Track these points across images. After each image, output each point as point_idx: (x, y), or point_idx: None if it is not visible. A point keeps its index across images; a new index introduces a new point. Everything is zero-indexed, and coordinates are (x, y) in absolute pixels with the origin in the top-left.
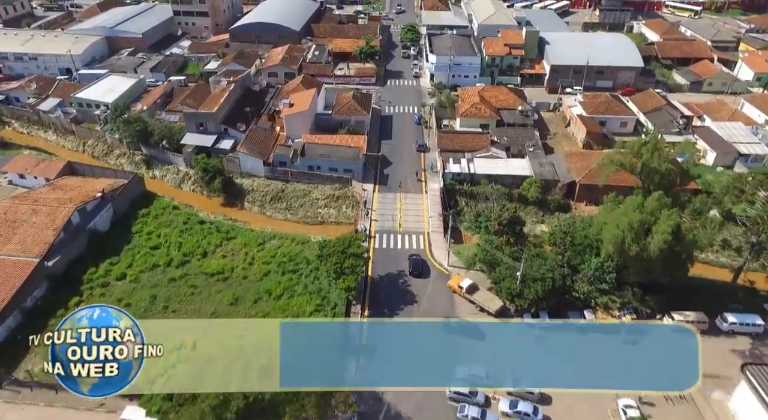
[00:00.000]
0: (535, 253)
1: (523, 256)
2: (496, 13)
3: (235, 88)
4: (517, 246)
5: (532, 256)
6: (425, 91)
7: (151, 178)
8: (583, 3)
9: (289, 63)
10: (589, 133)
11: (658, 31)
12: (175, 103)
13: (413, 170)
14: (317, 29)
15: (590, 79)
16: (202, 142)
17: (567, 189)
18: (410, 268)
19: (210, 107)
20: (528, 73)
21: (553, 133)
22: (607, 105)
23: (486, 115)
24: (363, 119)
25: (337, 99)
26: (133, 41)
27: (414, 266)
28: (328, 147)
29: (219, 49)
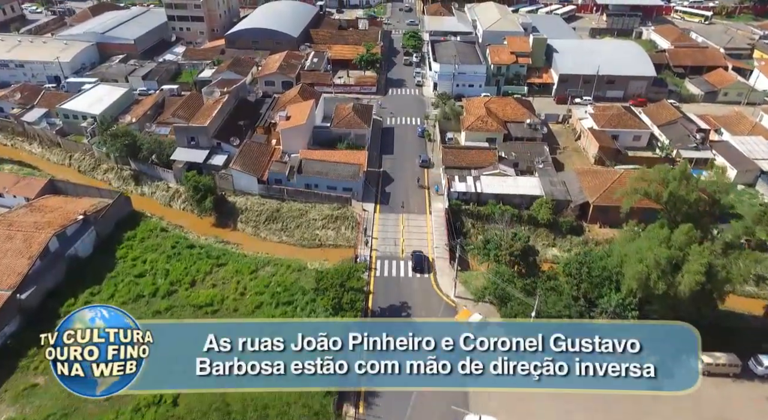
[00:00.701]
0: (550, 287)
1: (537, 292)
2: (502, 19)
3: (229, 100)
4: (530, 278)
5: (546, 290)
6: (428, 101)
7: (139, 195)
8: (589, 8)
9: (286, 71)
10: (601, 148)
11: (668, 37)
12: (166, 114)
13: (416, 189)
14: (316, 35)
15: (600, 88)
16: (194, 158)
17: (579, 210)
18: (413, 265)
19: (202, 121)
20: (535, 83)
21: (563, 146)
22: (620, 118)
23: (493, 129)
24: (363, 133)
25: (337, 111)
26: (124, 47)
27: (416, 262)
28: (326, 164)
29: (214, 56)
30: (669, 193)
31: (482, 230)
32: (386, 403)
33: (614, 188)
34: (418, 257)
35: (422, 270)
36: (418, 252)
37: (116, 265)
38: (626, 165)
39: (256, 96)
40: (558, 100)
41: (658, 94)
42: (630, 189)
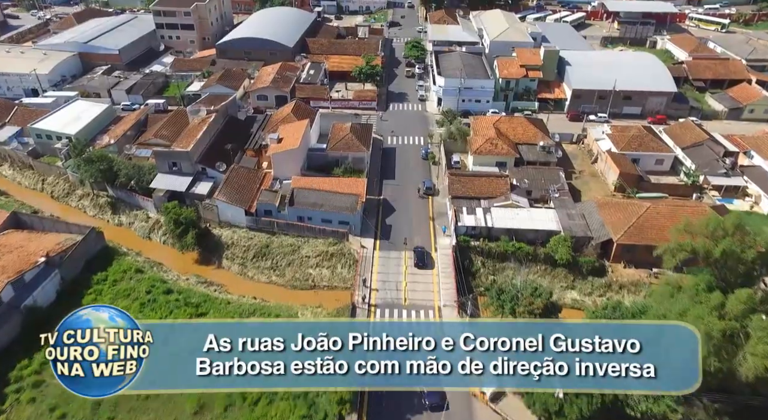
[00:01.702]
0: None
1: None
2: (510, 28)
3: (217, 119)
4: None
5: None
6: (432, 118)
7: (116, 225)
8: (599, 15)
9: (280, 84)
10: (622, 174)
11: (686, 47)
12: (148, 134)
13: (420, 221)
14: (313, 44)
15: (616, 105)
16: (175, 186)
17: (601, 248)
18: (415, 260)
19: (185, 144)
20: (547, 99)
21: (579, 170)
22: (641, 140)
23: (503, 153)
24: (362, 156)
25: (333, 131)
26: (108, 58)
27: (419, 258)
28: (321, 194)
29: (204, 67)
30: (721, 251)
31: (494, 270)
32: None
33: (640, 224)
34: (420, 253)
35: (425, 265)
36: (420, 248)
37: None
38: (649, 193)
39: (247, 113)
40: (571, 116)
41: (678, 111)
42: (673, 245)
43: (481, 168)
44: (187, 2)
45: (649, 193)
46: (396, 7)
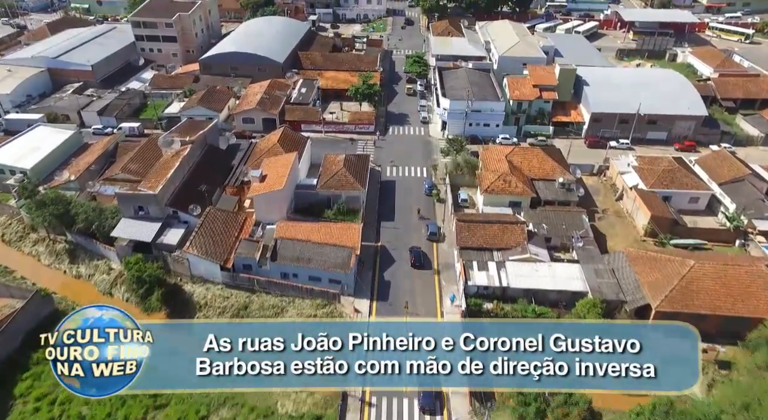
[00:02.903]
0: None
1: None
2: (520, 42)
3: (193, 151)
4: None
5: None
6: (436, 144)
7: (74, 276)
8: (613, 24)
9: (268, 106)
10: (653, 217)
11: (710, 62)
12: (115, 168)
13: (422, 278)
14: (305, 59)
15: (640, 129)
16: (140, 236)
17: (636, 314)
18: (411, 260)
19: (153, 185)
20: (563, 121)
21: (602, 209)
22: (672, 175)
23: (517, 192)
24: (357, 195)
25: (325, 164)
26: (81, 74)
27: (416, 258)
28: (308, 246)
29: (186, 85)
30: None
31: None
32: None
33: (684, 287)
34: (417, 253)
35: (422, 266)
36: (416, 248)
37: (12, 409)
38: (685, 239)
39: (229, 141)
40: (590, 143)
41: (708, 136)
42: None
43: (492, 208)
44: (169, 12)
45: (686, 240)
46: (396, 15)
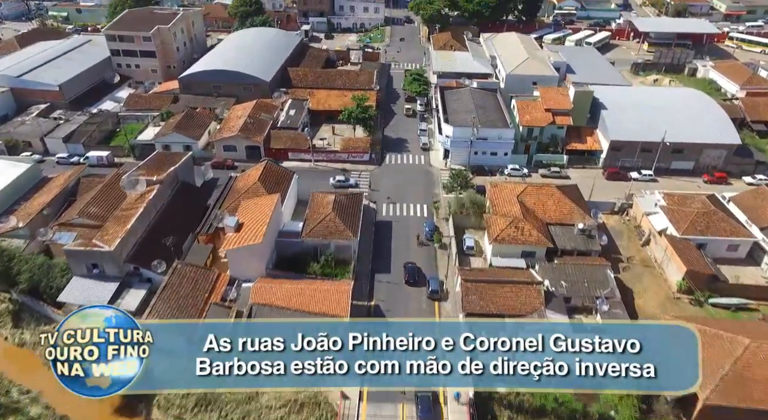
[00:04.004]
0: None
1: None
2: (529, 58)
3: (162, 192)
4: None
5: None
6: (438, 175)
7: (17, 345)
8: (626, 34)
9: (252, 132)
10: (689, 272)
11: (735, 78)
12: (73, 210)
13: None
14: (295, 75)
15: (664, 159)
16: (92, 300)
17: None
18: (405, 277)
19: (109, 238)
20: (577, 150)
21: (627, 257)
22: (708, 219)
23: (531, 240)
24: (348, 245)
25: (312, 205)
26: (48, 94)
27: (410, 275)
28: (289, 314)
29: (164, 106)
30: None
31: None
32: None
33: (739, 374)
34: (411, 269)
35: (416, 282)
36: (410, 263)
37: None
38: (727, 298)
39: (204, 177)
40: (608, 174)
41: (741, 166)
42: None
43: (502, 260)
44: (148, 25)
45: (727, 299)
46: (395, 24)
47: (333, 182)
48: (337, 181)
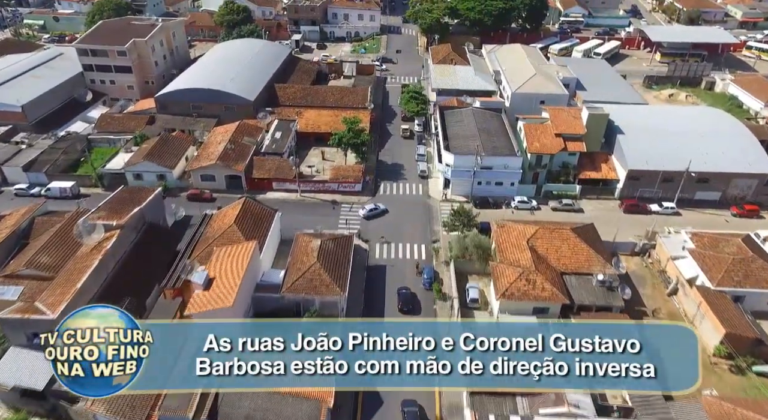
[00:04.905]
0: None
1: None
2: (537, 75)
3: (123, 238)
4: None
5: None
6: (437, 208)
7: None
8: (636, 43)
9: (232, 160)
10: (729, 335)
11: (759, 94)
12: (22, 259)
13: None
14: (283, 93)
15: (687, 189)
16: (28, 382)
17: None
18: (399, 304)
19: (54, 302)
20: (591, 179)
21: (652, 310)
22: (746, 266)
23: (544, 296)
24: (335, 300)
25: (295, 251)
26: (9, 116)
27: (404, 302)
28: (261, 397)
29: (138, 128)
30: None
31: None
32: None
33: None
34: (405, 296)
35: (411, 310)
36: (404, 289)
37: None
38: None
39: (176, 216)
40: (626, 207)
41: None
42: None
43: (510, 317)
44: (123, 38)
45: None
46: (391, 32)
47: (364, 213)
48: (369, 211)
